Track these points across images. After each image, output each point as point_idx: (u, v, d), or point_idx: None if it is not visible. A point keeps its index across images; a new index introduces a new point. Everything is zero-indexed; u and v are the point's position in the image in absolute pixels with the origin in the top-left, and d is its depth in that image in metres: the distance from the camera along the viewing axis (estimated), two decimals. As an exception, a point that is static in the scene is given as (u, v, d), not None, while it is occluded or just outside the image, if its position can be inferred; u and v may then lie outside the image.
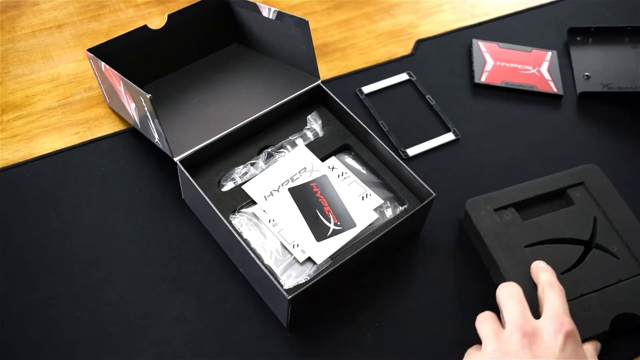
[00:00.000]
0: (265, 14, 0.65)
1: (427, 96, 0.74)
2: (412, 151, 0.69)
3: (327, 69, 0.76)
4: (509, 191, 0.62)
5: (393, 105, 0.73)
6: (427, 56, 0.79)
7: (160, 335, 0.54)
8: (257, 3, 0.65)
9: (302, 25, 0.61)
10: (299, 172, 0.61)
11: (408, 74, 0.76)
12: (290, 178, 0.60)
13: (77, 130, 0.68)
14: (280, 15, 0.63)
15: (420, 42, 0.80)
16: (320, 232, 0.57)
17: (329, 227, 0.57)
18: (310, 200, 0.59)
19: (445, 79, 0.76)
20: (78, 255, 0.58)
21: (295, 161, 0.62)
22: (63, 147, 0.66)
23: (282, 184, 0.60)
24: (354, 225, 0.58)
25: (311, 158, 0.62)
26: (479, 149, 0.70)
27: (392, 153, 0.60)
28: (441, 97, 0.74)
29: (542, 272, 0.54)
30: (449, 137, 0.70)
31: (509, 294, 0.51)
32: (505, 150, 0.70)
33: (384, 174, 0.62)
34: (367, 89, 0.74)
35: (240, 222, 0.58)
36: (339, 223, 0.58)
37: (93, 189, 0.63)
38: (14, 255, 0.58)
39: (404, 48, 0.79)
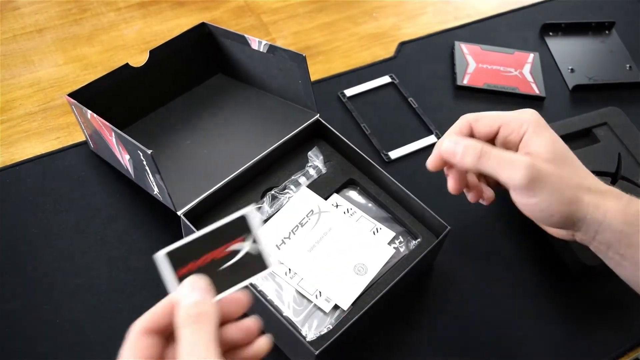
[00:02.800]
0: (254, 46, 0.62)
1: (409, 99, 0.74)
2: (394, 154, 0.69)
3: (310, 72, 0.75)
4: None
5: (375, 108, 0.73)
6: (410, 59, 0.79)
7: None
8: (246, 36, 0.62)
9: (299, 60, 0.58)
10: (307, 216, 0.58)
11: (390, 76, 0.76)
12: (299, 223, 0.58)
13: (57, 135, 0.67)
14: (272, 48, 0.60)
15: (403, 45, 0.80)
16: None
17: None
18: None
19: (428, 81, 0.77)
20: (58, 261, 0.58)
21: (300, 205, 0.59)
22: (44, 152, 0.65)
23: (292, 230, 0.57)
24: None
25: (316, 199, 0.59)
26: (462, 151, 0.70)
27: (400, 185, 0.58)
28: (423, 100, 0.74)
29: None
30: (431, 139, 0.70)
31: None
32: (488, 152, 0.70)
33: (394, 207, 0.60)
34: (349, 91, 0.74)
35: None
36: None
37: (74, 194, 0.62)
38: (-7, 262, 0.57)
39: (386, 50, 0.79)
